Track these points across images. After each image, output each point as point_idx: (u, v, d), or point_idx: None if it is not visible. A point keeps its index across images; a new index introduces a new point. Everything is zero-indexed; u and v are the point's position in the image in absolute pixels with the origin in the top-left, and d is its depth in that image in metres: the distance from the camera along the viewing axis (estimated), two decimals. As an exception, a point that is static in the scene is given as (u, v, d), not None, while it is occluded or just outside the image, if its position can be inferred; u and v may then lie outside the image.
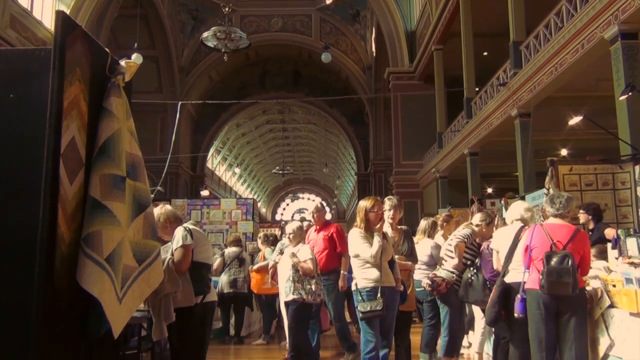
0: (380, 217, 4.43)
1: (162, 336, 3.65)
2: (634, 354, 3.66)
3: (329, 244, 6.31)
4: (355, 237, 4.40)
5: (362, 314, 4.20)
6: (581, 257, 4.02)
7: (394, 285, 4.39)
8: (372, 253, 4.27)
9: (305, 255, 5.43)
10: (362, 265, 4.35)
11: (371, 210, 4.42)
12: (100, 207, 3.04)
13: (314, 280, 5.37)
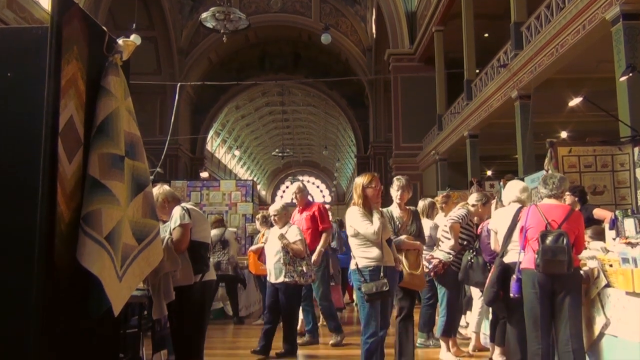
0: (378, 193, 4.28)
1: (162, 315, 3.69)
2: (630, 333, 3.70)
3: (312, 223, 6.25)
4: (354, 215, 4.21)
5: (368, 295, 3.99)
6: (576, 236, 4.05)
7: (393, 265, 4.26)
8: (374, 230, 4.08)
9: (294, 236, 5.36)
10: (363, 244, 4.17)
11: (368, 186, 4.25)
12: (100, 186, 3.05)
13: (304, 262, 5.33)
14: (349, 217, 4.21)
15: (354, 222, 4.17)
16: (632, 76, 6.77)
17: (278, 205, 5.69)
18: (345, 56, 28.58)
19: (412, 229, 4.85)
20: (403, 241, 4.67)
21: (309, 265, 5.41)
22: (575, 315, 4.05)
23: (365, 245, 4.15)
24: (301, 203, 6.46)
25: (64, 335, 3.02)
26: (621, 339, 3.80)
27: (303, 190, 6.54)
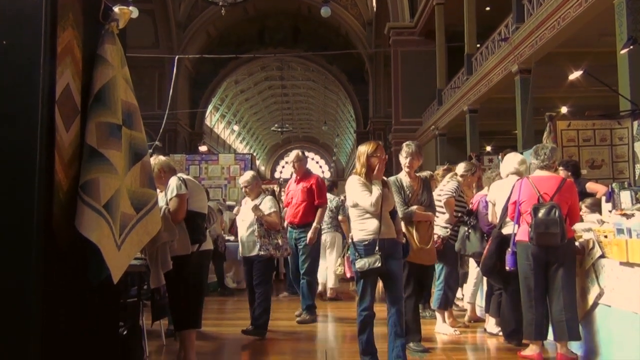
0: (383, 163, 4.00)
1: (160, 284, 3.73)
2: (622, 302, 3.75)
3: (308, 196, 5.89)
4: (354, 185, 3.96)
5: (361, 272, 3.79)
6: (569, 207, 4.08)
7: (394, 237, 3.96)
8: (372, 201, 3.83)
9: (268, 207, 5.08)
10: (361, 216, 3.92)
11: (373, 154, 3.94)
12: (97, 155, 3.05)
13: (279, 234, 5.10)
14: (349, 187, 3.99)
15: (352, 192, 3.96)
16: (633, 49, 6.72)
17: (247, 175, 5.30)
18: (345, 30, 28.29)
19: (423, 198, 4.55)
20: (415, 212, 4.41)
21: (284, 238, 5.19)
22: (569, 286, 4.10)
23: (362, 217, 3.92)
24: (299, 172, 6.05)
25: (64, 303, 3.06)
26: (614, 308, 3.85)
27: (302, 159, 6.10)
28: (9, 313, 2.92)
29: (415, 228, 4.47)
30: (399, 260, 4.00)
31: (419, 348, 4.43)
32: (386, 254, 3.80)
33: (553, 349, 4.27)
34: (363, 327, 3.87)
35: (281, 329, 5.42)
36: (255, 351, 4.67)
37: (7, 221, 2.93)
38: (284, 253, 5.21)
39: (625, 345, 3.69)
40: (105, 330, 3.58)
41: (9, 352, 2.90)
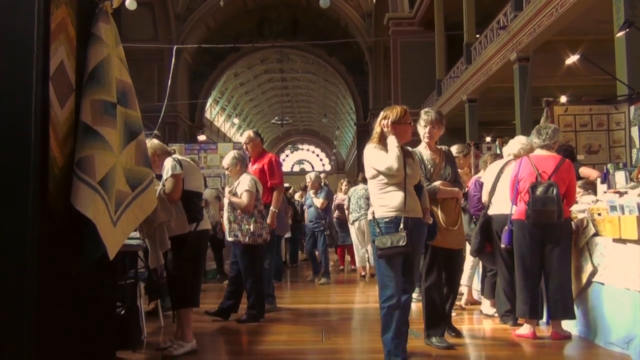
0: (410, 133, 3.54)
1: (159, 263, 3.77)
2: (615, 279, 3.78)
3: (261, 177, 5.35)
4: (370, 152, 3.49)
5: (381, 250, 3.29)
6: (567, 186, 4.10)
7: (420, 216, 3.48)
8: (392, 159, 3.32)
9: (241, 188, 4.81)
10: (382, 189, 3.41)
11: (400, 121, 3.46)
12: (92, 132, 3.08)
13: (253, 219, 4.79)
14: (366, 157, 3.51)
15: (370, 159, 3.47)
16: (630, 32, 6.72)
17: (228, 158, 5.06)
18: (345, 22, 28.23)
19: (447, 172, 4.05)
20: (439, 188, 3.93)
21: (258, 223, 4.83)
22: (564, 265, 4.13)
23: (384, 190, 3.41)
24: (253, 154, 5.62)
25: (60, 281, 3.09)
26: (607, 285, 3.89)
27: (254, 139, 5.64)
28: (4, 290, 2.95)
29: (441, 207, 3.96)
30: (422, 245, 3.58)
31: (442, 344, 3.88)
32: (411, 236, 3.32)
33: (547, 329, 4.31)
34: (387, 323, 3.32)
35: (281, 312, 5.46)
36: (253, 332, 4.71)
37: (2, 196, 2.96)
38: (258, 240, 4.82)
39: (619, 322, 3.73)
40: (102, 309, 3.61)
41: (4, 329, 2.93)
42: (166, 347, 3.81)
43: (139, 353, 3.88)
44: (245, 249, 4.87)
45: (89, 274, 3.38)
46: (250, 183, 4.84)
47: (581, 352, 3.84)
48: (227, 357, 3.89)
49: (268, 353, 3.97)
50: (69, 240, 3.11)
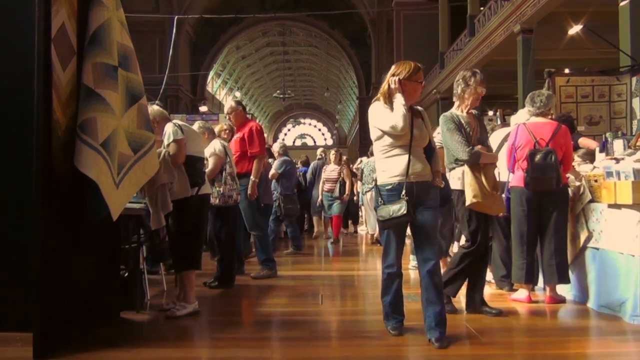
0: (420, 93, 3.35)
1: (160, 225, 3.82)
2: (610, 243, 3.84)
3: (241, 146, 5.41)
4: (375, 110, 3.27)
5: (382, 222, 3.19)
6: (564, 152, 4.12)
7: (428, 179, 3.26)
8: (397, 116, 3.12)
9: (208, 151, 4.85)
10: (386, 153, 3.24)
11: (412, 78, 3.24)
12: (94, 95, 3.12)
13: (222, 181, 4.92)
14: (371, 115, 3.30)
15: (375, 118, 3.26)
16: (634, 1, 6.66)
17: (199, 124, 5.08)
18: (348, -7, 27.88)
19: (484, 137, 3.93)
20: (482, 154, 3.72)
21: (228, 185, 4.95)
22: (561, 231, 4.19)
23: (388, 153, 3.24)
24: (236, 123, 5.59)
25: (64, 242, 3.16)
26: (602, 250, 3.95)
27: (235, 108, 5.60)
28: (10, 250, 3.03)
29: (483, 172, 3.75)
30: (434, 210, 3.28)
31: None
32: (417, 200, 3.18)
33: (542, 294, 4.38)
34: (387, 288, 3.33)
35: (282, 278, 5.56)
36: (253, 296, 4.81)
37: (6, 158, 3.02)
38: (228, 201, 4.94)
39: (612, 286, 3.80)
40: (106, 271, 3.70)
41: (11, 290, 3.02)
42: (169, 309, 3.90)
43: (143, 314, 3.96)
44: (217, 213, 5.00)
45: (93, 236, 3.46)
46: (218, 147, 4.95)
47: (574, 316, 3.92)
48: (229, 319, 3.98)
49: (268, 314, 4.06)
50: (73, 202, 3.17)
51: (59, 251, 3.09)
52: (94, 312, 3.47)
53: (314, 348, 3.14)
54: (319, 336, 3.45)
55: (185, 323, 3.72)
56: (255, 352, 3.12)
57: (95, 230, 3.44)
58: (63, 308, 3.10)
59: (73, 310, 3.20)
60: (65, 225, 3.16)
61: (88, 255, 3.43)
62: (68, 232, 3.19)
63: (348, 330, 3.63)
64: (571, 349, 3.16)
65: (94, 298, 3.48)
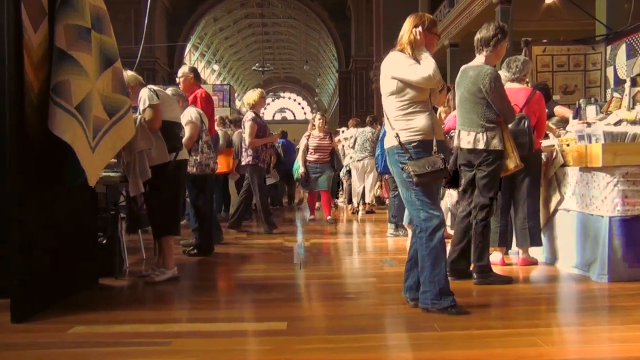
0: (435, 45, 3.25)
1: (138, 192, 3.80)
2: (580, 205, 3.94)
3: None
4: (400, 60, 3.02)
5: (419, 176, 2.92)
6: (537, 118, 4.18)
7: (444, 139, 3.27)
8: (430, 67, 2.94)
9: (185, 119, 4.80)
10: (405, 110, 3.02)
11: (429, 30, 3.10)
12: (67, 57, 3.07)
13: (199, 149, 4.93)
14: (393, 66, 3.03)
15: (400, 68, 2.99)
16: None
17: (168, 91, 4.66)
18: (327, -36, 27.51)
19: None
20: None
21: (205, 154, 4.97)
22: (533, 195, 4.28)
23: (407, 110, 3.02)
24: (184, 89, 5.43)
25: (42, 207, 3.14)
26: (572, 212, 4.06)
27: (187, 74, 5.59)
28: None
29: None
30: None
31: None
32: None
33: (515, 256, 4.49)
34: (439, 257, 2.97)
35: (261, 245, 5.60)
36: (232, 263, 4.85)
37: (-21, 121, 2.96)
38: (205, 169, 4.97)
39: (581, 247, 3.92)
40: (83, 237, 3.69)
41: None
42: (148, 275, 3.92)
43: (121, 280, 3.98)
44: (193, 182, 4.98)
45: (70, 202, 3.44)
46: (194, 115, 4.93)
47: (545, 276, 4.03)
48: (208, 284, 4.02)
49: (248, 279, 4.11)
50: (48, 167, 3.15)
51: (35, 217, 3.07)
52: (71, 279, 3.48)
53: (292, 308, 3.20)
54: (297, 297, 3.51)
55: (164, 288, 3.75)
56: (234, 312, 3.17)
57: (71, 197, 3.43)
58: (40, 274, 3.10)
59: (50, 276, 3.20)
60: (41, 190, 3.14)
61: (65, 221, 3.42)
62: (44, 197, 3.17)
63: (326, 292, 3.69)
64: (542, 305, 3.26)
65: (71, 264, 3.48)
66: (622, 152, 3.64)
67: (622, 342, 2.56)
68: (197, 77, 5.67)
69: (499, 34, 3.71)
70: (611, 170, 3.64)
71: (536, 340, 2.49)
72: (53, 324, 2.83)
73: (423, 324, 2.78)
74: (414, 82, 2.97)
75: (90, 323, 2.85)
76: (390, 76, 3.04)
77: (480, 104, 3.64)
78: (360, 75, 27.60)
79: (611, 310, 3.15)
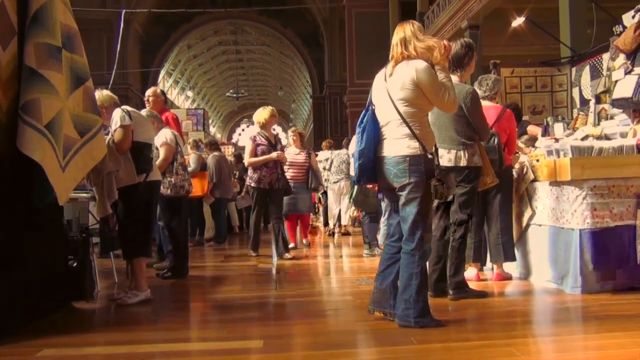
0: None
1: (105, 213, 3.74)
2: (551, 219, 4.01)
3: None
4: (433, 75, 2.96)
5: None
6: (508, 135, 4.26)
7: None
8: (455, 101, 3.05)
9: (159, 141, 4.82)
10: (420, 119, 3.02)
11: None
12: (37, 76, 3.04)
13: (174, 171, 4.90)
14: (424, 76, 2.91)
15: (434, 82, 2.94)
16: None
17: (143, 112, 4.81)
18: (300, -8, 27.91)
19: None
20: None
21: (179, 175, 4.95)
22: (506, 211, 4.34)
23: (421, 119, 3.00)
24: (155, 109, 5.37)
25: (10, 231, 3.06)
26: (544, 227, 4.12)
27: (159, 95, 5.60)
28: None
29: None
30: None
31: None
32: None
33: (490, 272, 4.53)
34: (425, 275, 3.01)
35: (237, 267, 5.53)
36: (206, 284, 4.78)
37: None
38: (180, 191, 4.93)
39: (554, 260, 3.97)
40: (53, 259, 3.60)
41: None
42: (120, 297, 3.83)
43: (93, 303, 3.88)
44: (167, 204, 4.92)
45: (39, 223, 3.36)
46: (169, 137, 4.91)
47: (520, 290, 4.07)
48: (183, 305, 3.95)
49: (224, 300, 4.04)
50: (17, 187, 3.08)
51: (3, 240, 2.99)
52: (40, 302, 3.38)
53: (268, 326, 3.16)
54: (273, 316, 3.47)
55: (137, 309, 3.66)
56: (208, 332, 3.12)
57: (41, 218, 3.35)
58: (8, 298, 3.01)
59: (19, 299, 3.11)
60: (9, 212, 3.06)
61: (34, 244, 3.33)
62: (13, 219, 3.10)
63: (302, 310, 3.66)
64: (517, 317, 3.28)
65: (40, 288, 3.38)
66: (589, 165, 3.73)
67: (597, 349, 2.58)
68: (166, 100, 5.69)
69: (469, 52, 3.80)
70: (580, 183, 3.72)
71: (512, 350, 2.49)
72: (21, 347, 2.74)
73: (400, 338, 2.76)
74: (437, 99, 2.97)
75: (60, 346, 2.76)
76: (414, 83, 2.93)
77: (459, 122, 3.67)
78: (334, 101, 27.87)
79: (585, 320, 3.18)
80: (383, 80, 3.10)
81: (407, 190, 2.95)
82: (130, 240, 3.89)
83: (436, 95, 2.96)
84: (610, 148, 3.86)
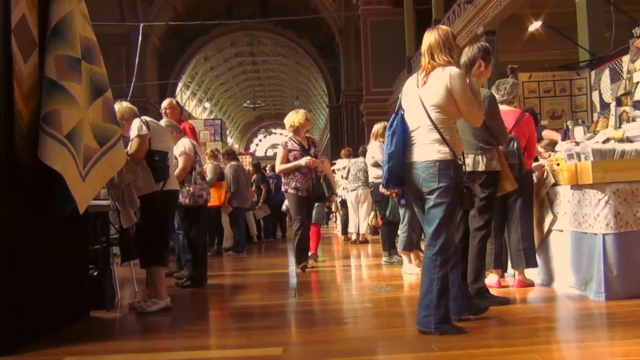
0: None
1: (131, 222, 3.78)
2: (573, 224, 3.94)
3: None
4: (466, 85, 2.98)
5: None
6: (527, 139, 4.21)
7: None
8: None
9: (178, 150, 4.87)
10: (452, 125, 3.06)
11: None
12: (57, 87, 3.09)
13: (192, 180, 4.94)
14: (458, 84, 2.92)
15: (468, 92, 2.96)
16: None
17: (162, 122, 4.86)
18: (314, 2, 28.10)
19: None
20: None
21: (198, 185, 4.98)
22: (526, 216, 4.28)
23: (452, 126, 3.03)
24: (173, 119, 5.46)
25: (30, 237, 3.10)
26: (566, 232, 4.05)
27: (175, 106, 5.72)
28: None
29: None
30: None
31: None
32: None
33: (512, 278, 4.46)
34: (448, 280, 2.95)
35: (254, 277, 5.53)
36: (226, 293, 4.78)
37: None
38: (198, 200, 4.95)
39: (577, 266, 3.90)
40: (73, 268, 3.64)
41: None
42: (140, 306, 3.85)
43: (113, 312, 3.90)
44: (186, 213, 4.95)
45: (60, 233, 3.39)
46: (188, 146, 4.95)
47: (542, 296, 4.00)
48: (202, 313, 3.95)
49: (243, 308, 4.04)
50: (38, 197, 3.12)
51: (25, 249, 3.03)
52: (62, 311, 3.41)
53: (288, 334, 3.14)
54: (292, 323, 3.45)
55: (157, 318, 3.68)
56: (228, 339, 3.11)
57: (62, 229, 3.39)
58: (29, 307, 3.04)
59: (40, 309, 3.14)
60: (31, 221, 3.10)
61: (55, 253, 3.37)
62: (34, 228, 3.14)
63: (322, 318, 3.64)
64: (540, 323, 3.22)
65: (62, 297, 3.42)
66: (611, 169, 3.67)
67: (624, 356, 2.52)
68: (181, 110, 5.75)
69: (486, 55, 3.75)
70: (602, 187, 3.66)
71: (536, 357, 2.45)
72: (43, 356, 2.76)
73: (420, 345, 2.73)
74: (465, 113, 3.00)
75: (81, 354, 2.78)
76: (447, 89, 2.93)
77: (490, 126, 3.62)
78: (350, 110, 27.94)
79: (611, 327, 3.11)
80: (415, 87, 3.07)
81: (435, 195, 2.93)
82: (147, 249, 3.91)
83: (466, 104, 2.97)
84: (633, 151, 3.79)
